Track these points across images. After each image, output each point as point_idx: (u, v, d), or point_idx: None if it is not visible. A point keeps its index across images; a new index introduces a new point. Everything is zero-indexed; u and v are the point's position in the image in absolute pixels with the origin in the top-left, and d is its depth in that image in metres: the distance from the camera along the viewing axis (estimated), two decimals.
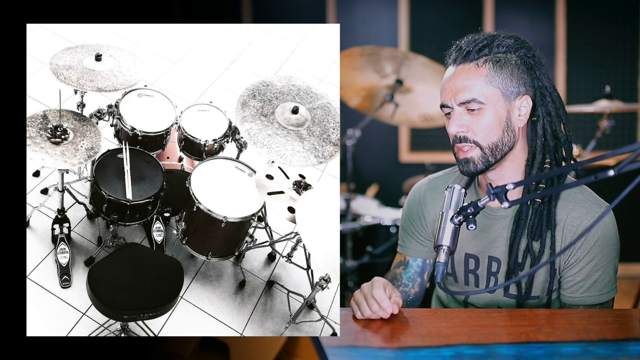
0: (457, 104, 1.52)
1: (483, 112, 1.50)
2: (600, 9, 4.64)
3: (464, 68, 1.54)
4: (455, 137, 1.54)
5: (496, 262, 1.61)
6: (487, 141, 1.51)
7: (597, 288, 1.54)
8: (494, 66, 1.51)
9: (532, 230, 1.54)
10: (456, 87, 1.52)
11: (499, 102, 1.51)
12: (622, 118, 4.56)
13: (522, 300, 1.60)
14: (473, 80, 1.51)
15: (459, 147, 1.54)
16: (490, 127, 1.51)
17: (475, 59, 1.53)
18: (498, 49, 1.53)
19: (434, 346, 1.29)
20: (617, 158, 2.71)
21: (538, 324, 1.41)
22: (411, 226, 1.77)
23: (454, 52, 1.57)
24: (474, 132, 1.51)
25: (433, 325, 1.41)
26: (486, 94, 1.50)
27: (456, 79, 1.54)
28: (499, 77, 1.51)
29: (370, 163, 4.86)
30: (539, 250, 1.55)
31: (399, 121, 3.60)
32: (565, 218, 1.54)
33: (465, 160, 1.54)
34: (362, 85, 3.43)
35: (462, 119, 1.52)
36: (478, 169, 1.54)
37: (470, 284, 1.66)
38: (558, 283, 1.59)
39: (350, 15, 4.86)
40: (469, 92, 1.50)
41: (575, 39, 4.63)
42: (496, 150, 1.52)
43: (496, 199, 1.34)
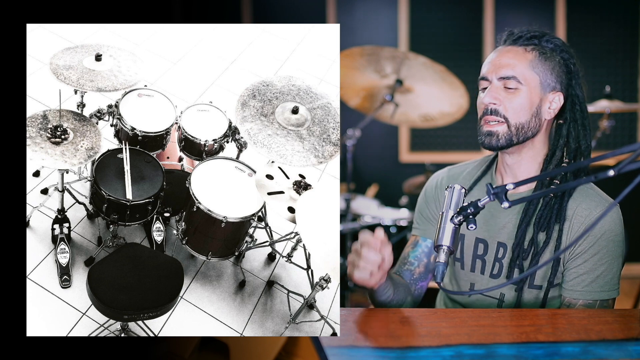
0: (497, 78, 1.59)
1: (519, 92, 1.57)
2: (600, 9, 4.64)
3: (512, 49, 1.61)
4: (486, 109, 1.59)
5: (503, 248, 1.64)
6: (516, 120, 1.57)
7: (599, 284, 1.55)
8: (539, 55, 1.59)
9: (539, 221, 1.58)
10: (501, 63, 1.59)
11: (535, 88, 1.58)
12: (622, 118, 4.56)
13: (520, 289, 1.61)
14: (518, 61, 1.58)
15: (487, 119, 1.59)
16: (522, 108, 1.57)
17: (524, 44, 1.60)
18: (546, 44, 1.61)
19: (434, 346, 1.29)
20: (617, 158, 2.71)
21: (538, 324, 1.41)
22: (426, 209, 1.81)
23: (505, 35, 1.65)
24: (505, 107, 1.58)
25: (433, 325, 1.41)
26: (527, 76, 1.57)
27: (502, 56, 1.61)
28: (541, 66, 1.59)
29: (370, 163, 4.86)
30: (544, 241, 1.57)
31: (399, 121, 3.60)
32: (574, 209, 1.57)
33: (489, 132, 1.59)
34: (362, 85, 3.43)
35: (498, 93, 1.58)
36: (500, 144, 1.59)
37: (476, 270, 1.69)
38: (561, 276, 1.60)
39: (350, 15, 4.86)
40: (512, 69, 1.57)
41: (575, 39, 4.63)
42: (521, 131, 1.58)
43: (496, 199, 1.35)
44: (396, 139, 4.89)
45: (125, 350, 1.67)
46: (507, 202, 1.33)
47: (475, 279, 1.69)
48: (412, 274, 1.76)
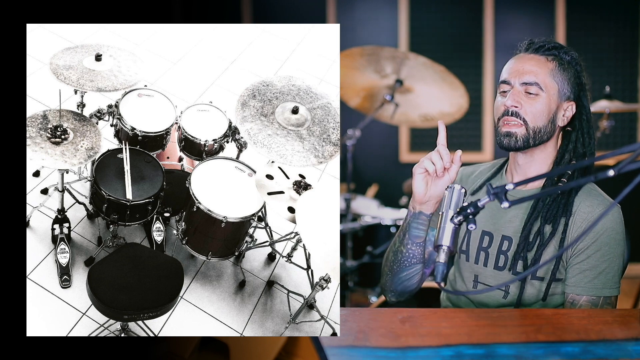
0: (520, 83, 1.66)
1: (539, 98, 1.65)
2: (600, 9, 4.64)
3: (534, 57, 1.69)
4: (507, 110, 1.66)
5: (508, 241, 1.69)
6: (534, 123, 1.65)
7: (602, 280, 1.59)
8: (559, 65, 1.69)
9: (546, 214, 1.64)
10: (524, 69, 1.67)
11: (554, 95, 1.67)
12: (622, 118, 4.55)
13: (524, 280, 1.65)
14: (540, 69, 1.67)
15: (507, 119, 1.66)
16: (540, 113, 1.65)
17: (545, 54, 1.69)
18: (564, 55, 1.71)
19: (434, 346, 1.29)
20: (617, 158, 2.72)
21: (538, 324, 1.41)
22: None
23: (527, 43, 1.73)
24: (525, 111, 1.65)
25: (433, 325, 1.41)
26: (547, 84, 1.66)
27: (525, 62, 1.68)
28: (561, 76, 1.68)
29: (370, 163, 4.86)
30: (550, 232, 1.63)
31: (399, 121, 3.59)
32: (578, 205, 1.64)
33: (508, 133, 1.66)
34: (362, 85, 3.43)
35: (520, 97, 1.66)
36: (518, 146, 1.66)
37: (479, 262, 1.73)
38: (564, 271, 1.63)
39: (350, 15, 4.85)
40: (535, 76, 1.66)
41: (575, 39, 4.63)
42: (537, 135, 1.66)
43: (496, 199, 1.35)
44: (396, 139, 4.89)
45: (125, 350, 1.67)
46: (506, 202, 1.33)
47: (479, 270, 1.73)
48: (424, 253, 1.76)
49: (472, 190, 1.80)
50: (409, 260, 1.70)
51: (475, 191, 1.80)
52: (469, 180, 1.84)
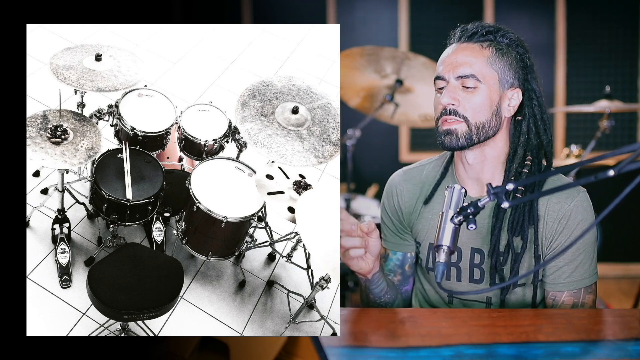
0: (455, 77, 1.55)
1: (477, 91, 1.53)
2: (600, 9, 4.64)
3: (467, 46, 1.57)
4: (445, 109, 1.55)
5: (479, 254, 1.61)
6: (475, 119, 1.53)
7: (580, 272, 1.55)
8: (496, 52, 1.55)
9: (512, 226, 1.55)
10: (457, 61, 1.55)
11: (494, 85, 1.54)
12: (622, 118, 4.55)
13: (505, 294, 1.60)
14: (475, 59, 1.54)
15: (446, 118, 1.55)
16: (481, 107, 1.53)
17: (479, 41, 1.57)
18: (502, 39, 1.58)
19: (434, 346, 1.29)
20: (617, 158, 2.71)
21: (538, 324, 1.41)
22: (389, 220, 1.79)
23: (459, 31, 1.61)
24: (464, 107, 1.53)
25: (433, 325, 1.41)
26: (485, 74, 1.53)
27: (458, 54, 1.56)
28: (499, 62, 1.55)
29: (370, 163, 4.86)
30: (521, 246, 1.55)
31: (399, 121, 3.59)
32: (546, 205, 1.56)
33: (449, 131, 1.54)
34: (362, 85, 3.43)
35: (456, 93, 1.54)
36: (460, 144, 1.55)
37: (451, 279, 1.65)
38: (541, 271, 1.59)
39: (350, 15, 4.86)
40: (470, 67, 1.53)
41: (575, 39, 4.63)
42: (481, 131, 1.54)
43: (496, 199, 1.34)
44: (396, 139, 4.89)
45: (125, 350, 1.67)
46: (507, 202, 1.33)
47: (452, 286, 1.65)
48: (392, 281, 1.74)
49: (425, 199, 1.68)
50: (380, 296, 1.67)
51: (428, 199, 1.68)
52: (418, 184, 1.73)
